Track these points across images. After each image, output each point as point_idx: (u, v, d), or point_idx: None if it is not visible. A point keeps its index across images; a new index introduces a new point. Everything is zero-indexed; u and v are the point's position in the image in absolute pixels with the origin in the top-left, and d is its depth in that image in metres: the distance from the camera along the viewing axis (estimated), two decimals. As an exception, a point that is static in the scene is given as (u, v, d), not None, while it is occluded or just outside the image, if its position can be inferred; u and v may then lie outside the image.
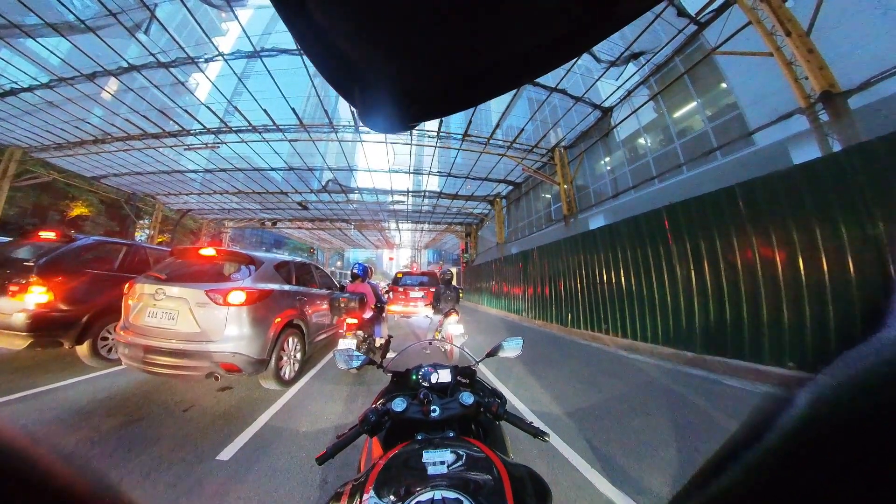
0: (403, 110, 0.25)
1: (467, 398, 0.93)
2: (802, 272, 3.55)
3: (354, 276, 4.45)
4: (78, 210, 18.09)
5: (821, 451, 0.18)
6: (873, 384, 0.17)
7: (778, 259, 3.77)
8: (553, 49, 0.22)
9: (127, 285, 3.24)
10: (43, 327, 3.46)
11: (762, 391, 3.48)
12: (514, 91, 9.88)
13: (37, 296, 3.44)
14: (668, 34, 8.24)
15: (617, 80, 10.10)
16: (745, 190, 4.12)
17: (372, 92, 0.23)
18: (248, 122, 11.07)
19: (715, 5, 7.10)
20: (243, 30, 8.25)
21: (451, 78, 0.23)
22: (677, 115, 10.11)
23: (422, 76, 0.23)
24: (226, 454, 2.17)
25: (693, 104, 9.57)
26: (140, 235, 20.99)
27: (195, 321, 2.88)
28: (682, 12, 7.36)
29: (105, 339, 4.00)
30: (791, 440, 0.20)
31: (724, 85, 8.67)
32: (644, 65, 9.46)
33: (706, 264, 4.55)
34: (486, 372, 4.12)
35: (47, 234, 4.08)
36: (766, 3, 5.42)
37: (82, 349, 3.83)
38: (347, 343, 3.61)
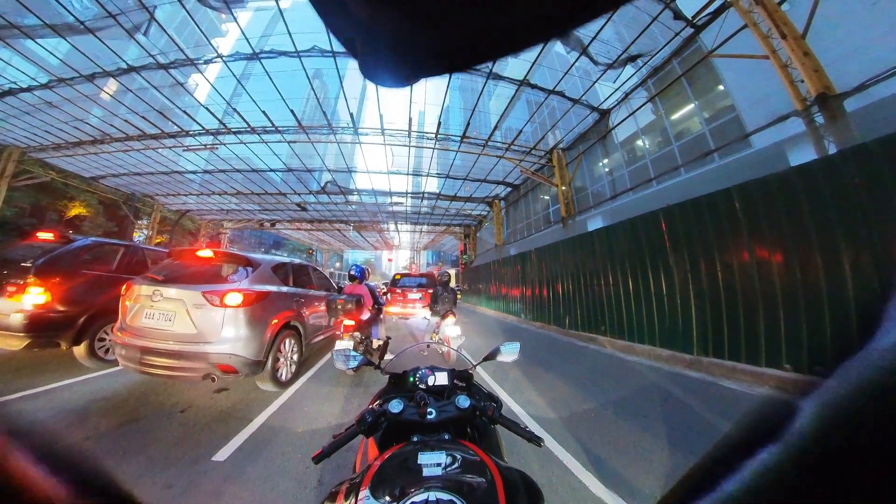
0: (404, 65, 0.25)
1: (463, 401, 0.94)
2: (798, 274, 3.57)
3: (352, 278, 4.47)
4: (76, 210, 18.06)
5: (817, 456, 0.19)
6: (873, 392, 0.18)
7: (774, 261, 3.79)
8: (564, 11, 0.21)
9: (124, 286, 3.24)
10: (40, 328, 3.46)
11: (759, 393, 3.49)
12: (513, 93, 9.91)
13: (34, 296, 3.45)
14: (665, 37, 8.30)
15: (615, 82, 10.14)
16: (742, 192, 4.14)
17: (373, 44, 0.23)
18: (247, 123, 11.09)
19: (712, 8, 7.15)
20: (242, 32, 8.28)
21: (454, 35, 0.22)
22: (675, 117, 10.16)
23: (423, 31, 0.22)
24: (222, 455, 2.17)
25: (690, 106, 9.62)
26: (138, 236, 20.95)
27: (192, 322, 2.88)
28: (678, 15, 7.40)
29: (102, 340, 3.99)
30: (788, 446, 0.21)
31: (721, 87, 8.72)
32: (642, 67, 9.51)
33: (703, 266, 4.57)
34: (482, 374, 4.12)
35: (45, 235, 4.09)
36: (762, 6, 5.47)
37: (79, 350, 3.82)
38: (344, 345, 3.62)
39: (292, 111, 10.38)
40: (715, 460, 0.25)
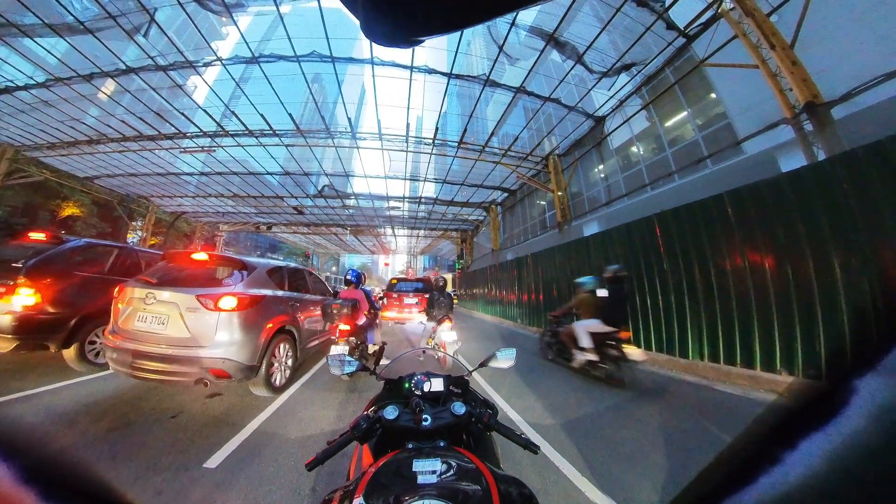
0: (407, 22, 0.24)
1: (459, 408, 0.93)
2: (791, 278, 3.62)
3: (348, 283, 4.45)
4: (69, 210, 17.85)
5: (815, 457, 0.19)
6: (868, 394, 0.18)
7: (766, 266, 3.84)
8: None
9: (117, 289, 3.20)
10: (29, 330, 3.40)
11: (754, 397, 3.51)
12: (510, 100, 10.03)
13: (24, 298, 3.38)
14: (659, 46, 8.47)
15: (609, 90, 10.31)
16: (734, 197, 4.20)
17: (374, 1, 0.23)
18: (245, 126, 11.09)
19: (703, 19, 7.33)
20: (242, 36, 8.33)
21: None
22: (669, 124, 10.33)
23: None
24: (213, 461, 2.14)
25: (684, 114, 9.79)
26: (132, 238, 20.73)
27: (185, 326, 2.84)
28: (671, 25, 7.57)
29: (93, 343, 3.92)
30: (787, 450, 0.21)
31: (713, 95, 8.89)
32: (636, 75, 9.68)
33: (697, 271, 4.61)
34: (479, 379, 4.11)
35: (37, 235, 4.03)
36: (752, 17, 5.62)
37: (69, 353, 3.75)
38: (339, 350, 3.59)
39: (290, 115, 10.40)
40: (719, 471, 0.26)
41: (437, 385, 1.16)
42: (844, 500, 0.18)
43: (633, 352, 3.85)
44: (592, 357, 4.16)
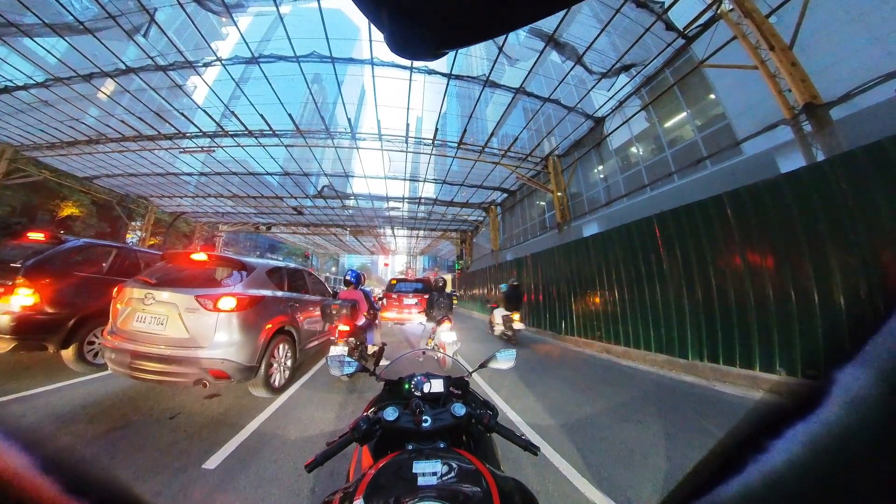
0: (432, 34, 0.25)
1: (459, 409, 0.93)
2: (790, 278, 3.62)
3: (347, 283, 4.45)
4: (68, 210, 17.82)
5: (811, 458, 0.19)
6: (866, 395, 0.18)
7: (766, 266, 3.85)
8: None
9: (116, 289, 3.19)
10: (27, 330, 3.39)
11: (753, 397, 3.52)
12: (509, 101, 10.04)
13: (22, 298, 3.38)
14: (658, 47, 8.48)
15: (609, 90, 10.32)
16: (733, 198, 4.20)
17: (400, 13, 0.23)
18: (245, 126, 11.09)
19: (702, 20, 7.34)
20: (242, 36, 8.33)
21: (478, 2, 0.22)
22: (668, 124, 10.34)
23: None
24: (212, 462, 2.13)
25: (683, 114, 9.81)
26: (131, 238, 20.71)
27: (184, 327, 2.84)
28: (670, 26, 7.58)
29: (91, 343, 3.92)
30: (782, 448, 0.21)
31: (712, 96, 8.91)
32: (635, 76, 9.69)
33: (696, 271, 4.62)
34: (478, 380, 4.11)
35: (36, 235, 4.02)
36: (751, 18, 5.63)
37: (67, 353, 3.74)
38: (339, 350, 3.58)
39: (290, 115, 10.40)
40: (712, 464, 0.26)
41: (436, 386, 1.16)
42: (827, 488, 0.18)
43: (517, 324, 6.93)
44: (502, 328, 7.35)
